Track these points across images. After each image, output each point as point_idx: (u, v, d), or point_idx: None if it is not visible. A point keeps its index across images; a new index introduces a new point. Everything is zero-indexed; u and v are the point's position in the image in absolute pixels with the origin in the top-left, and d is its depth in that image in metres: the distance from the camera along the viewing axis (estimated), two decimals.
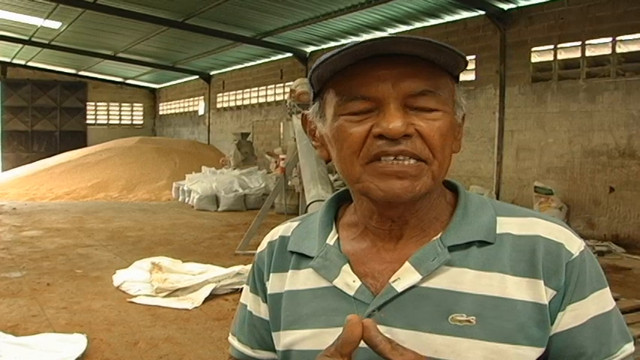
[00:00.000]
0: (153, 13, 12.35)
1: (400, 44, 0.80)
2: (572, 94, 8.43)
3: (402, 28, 10.96)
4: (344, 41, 12.09)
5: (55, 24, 14.23)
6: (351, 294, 0.87)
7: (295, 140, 6.67)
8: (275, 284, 0.97)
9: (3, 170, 19.18)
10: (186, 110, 21.08)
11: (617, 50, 7.88)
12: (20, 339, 4.13)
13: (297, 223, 1.02)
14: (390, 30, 11.15)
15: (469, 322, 0.81)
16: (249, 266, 1.07)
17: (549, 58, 8.75)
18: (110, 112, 22.98)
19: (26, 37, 16.23)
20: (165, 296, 5.36)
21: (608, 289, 0.87)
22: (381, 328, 0.77)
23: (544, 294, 0.82)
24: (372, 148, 0.82)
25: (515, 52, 9.14)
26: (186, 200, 13.15)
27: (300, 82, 6.81)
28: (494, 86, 9.50)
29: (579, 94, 8.33)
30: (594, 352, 0.83)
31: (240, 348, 1.04)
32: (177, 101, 21.74)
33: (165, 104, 22.83)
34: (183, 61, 17.58)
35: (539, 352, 0.82)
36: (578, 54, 8.35)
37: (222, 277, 5.62)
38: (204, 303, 5.23)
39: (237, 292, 5.35)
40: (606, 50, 8.00)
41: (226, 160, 14.94)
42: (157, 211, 11.93)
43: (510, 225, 0.87)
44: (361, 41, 0.79)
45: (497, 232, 0.87)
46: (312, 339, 0.88)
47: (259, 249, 1.04)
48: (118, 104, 22.98)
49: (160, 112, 23.25)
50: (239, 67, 16.83)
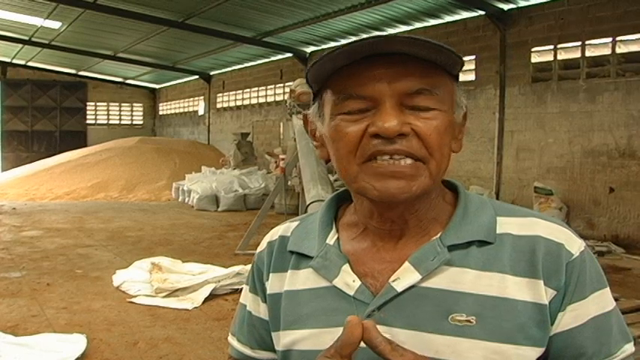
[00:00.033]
0: (153, 13, 12.35)
1: (395, 43, 0.80)
2: (572, 94, 8.43)
3: (402, 28, 10.96)
4: (344, 41, 11.94)
5: (55, 24, 14.24)
6: (351, 294, 0.86)
7: (295, 140, 6.67)
8: (274, 284, 0.96)
9: (3, 170, 19.18)
10: (186, 110, 21.07)
11: (617, 50, 7.88)
12: (20, 339, 4.14)
13: (296, 223, 1.01)
14: (390, 30, 11.14)
15: (469, 322, 0.81)
16: (249, 266, 1.06)
17: (549, 58, 8.75)
18: (110, 112, 22.98)
19: (26, 37, 16.23)
20: (165, 296, 5.36)
21: (608, 289, 0.87)
22: (381, 328, 0.77)
23: (544, 294, 0.82)
24: (367, 147, 0.82)
25: (515, 53, 9.13)
26: (186, 200, 13.15)
27: (300, 82, 6.81)
28: (494, 86, 9.50)
29: (579, 94, 8.32)
30: (594, 352, 0.83)
31: (240, 348, 1.04)
32: (177, 101, 21.74)
33: (165, 104, 22.83)
34: (183, 61, 17.58)
35: (539, 352, 0.82)
36: (578, 54, 8.35)
37: (222, 277, 5.62)
38: (204, 303, 5.23)
39: (237, 292, 5.35)
40: (606, 50, 8.00)
41: (226, 160, 14.94)
42: (156, 211, 11.92)
43: (510, 225, 0.87)
44: (355, 40, 0.79)
45: (497, 232, 0.86)
46: (312, 339, 0.88)
47: (259, 249, 1.04)
48: (117, 104, 22.98)
49: (160, 112, 23.25)
50: (239, 67, 16.83)
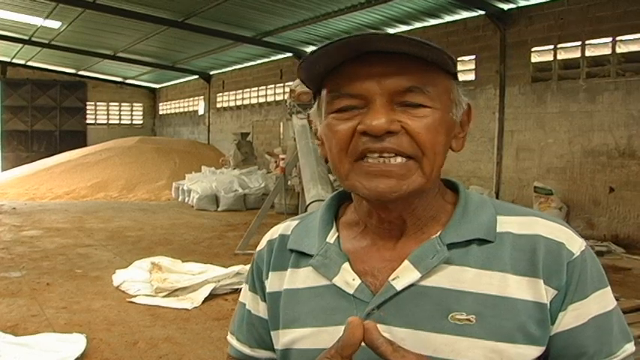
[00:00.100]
0: (153, 12, 12.35)
1: (381, 41, 0.80)
2: (572, 94, 8.42)
3: (402, 28, 10.96)
4: None
5: (55, 24, 14.23)
6: (351, 292, 0.86)
7: (295, 140, 6.67)
8: (274, 283, 0.96)
9: (3, 170, 19.17)
10: (186, 110, 21.07)
11: (617, 50, 7.88)
12: (20, 339, 4.13)
13: (297, 221, 1.01)
14: (390, 30, 11.13)
15: (469, 320, 0.81)
16: (248, 266, 1.06)
17: (549, 58, 8.74)
18: (110, 112, 22.97)
19: (26, 37, 16.22)
20: (165, 296, 5.36)
21: (609, 288, 0.87)
22: (380, 326, 0.76)
23: (544, 293, 0.82)
24: (357, 145, 0.82)
25: (515, 52, 9.13)
26: (186, 200, 13.15)
27: (300, 81, 6.81)
28: (494, 86, 9.50)
29: (579, 94, 8.32)
30: (595, 352, 0.83)
31: (239, 347, 1.03)
32: (177, 101, 21.73)
33: (165, 104, 22.82)
34: (183, 61, 17.57)
35: (539, 351, 0.82)
36: (578, 54, 8.34)
37: (221, 277, 5.62)
38: (203, 303, 5.23)
39: (237, 292, 5.34)
40: (606, 50, 8.00)
41: (226, 160, 14.94)
42: (156, 211, 11.92)
43: (511, 224, 0.87)
44: (341, 38, 0.79)
45: (498, 230, 0.86)
46: (312, 337, 0.87)
47: (259, 247, 1.03)
48: (117, 104, 22.97)
49: (160, 112, 23.24)
50: (239, 67, 16.82)
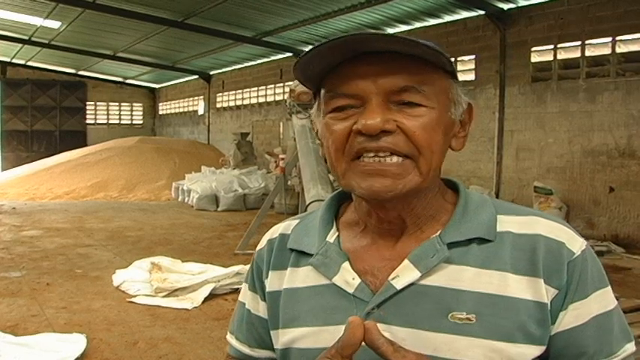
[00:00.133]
0: (153, 12, 12.34)
1: (376, 41, 0.80)
2: (572, 94, 8.42)
3: (402, 28, 10.96)
4: None
5: (55, 24, 14.23)
6: (351, 291, 0.86)
7: (295, 140, 6.67)
8: (274, 282, 0.96)
9: (3, 170, 19.16)
10: (186, 110, 21.06)
11: (617, 50, 7.88)
12: (20, 339, 4.13)
13: (297, 221, 1.01)
14: (390, 30, 11.13)
15: (469, 320, 0.80)
16: (248, 266, 1.06)
17: (549, 58, 8.74)
18: (110, 112, 22.96)
19: (26, 37, 16.22)
20: (165, 296, 5.36)
21: (609, 288, 0.86)
22: (380, 326, 0.76)
23: (544, 293, 0.82)
24: (354, 144, 0.83)
25: (515, 52, 9.13)
26: (186, 200, 13.14)
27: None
28: (494, 86, 9.50)
29: (579, 94, 8.32)
30: (596, 352, 0.83)
31: (238, 346, 1.03)
32: (177, 101, 21.73)
33: (165, 104, 22.82)
34: (183, 61, 17.57)
35: (539, 350, 0.82)
36: (578, 54, 8.34)
37: (221, 277, 5.62)
38: (203, 303, 5.23)
39: (237, 291, 5.33)
40: (606, 50, 8.00)
41: (226, 160, 14.93)
42: (156, 211, 11.92)
43: (511, 223, 0.87)
44: (334, 38, 0.79)
45: (498, 230, 0.86)
46: (311, 337, 0.87)
47: (259, 246, 1.03)
48: (117, 104, 22.96)
49: (160, 112, 23.24)
50: (239, 66, 16.82)
